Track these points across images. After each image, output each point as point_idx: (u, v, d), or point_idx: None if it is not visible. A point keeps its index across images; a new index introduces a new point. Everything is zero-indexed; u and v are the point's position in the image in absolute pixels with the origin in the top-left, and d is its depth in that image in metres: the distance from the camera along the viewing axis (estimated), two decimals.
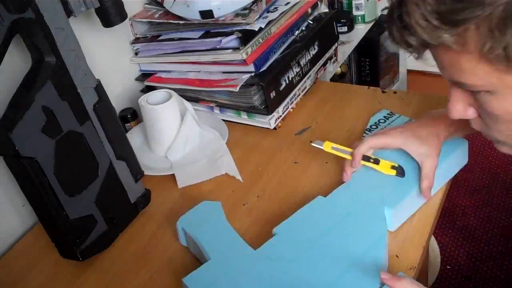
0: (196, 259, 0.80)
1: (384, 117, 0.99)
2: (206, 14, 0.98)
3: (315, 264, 0.71)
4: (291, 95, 1.07)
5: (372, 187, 0.80)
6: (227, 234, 0.78)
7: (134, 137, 1.03)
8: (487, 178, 1.80)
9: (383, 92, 1.10)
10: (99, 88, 0.79)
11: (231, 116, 1.07)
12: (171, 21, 1.03)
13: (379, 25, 1.87)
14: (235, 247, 0.76)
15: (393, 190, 0.79)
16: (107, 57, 1.05)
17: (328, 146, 0.84)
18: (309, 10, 1.12)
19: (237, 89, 0.97)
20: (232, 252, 0.75)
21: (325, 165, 0.93)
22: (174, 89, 1.01)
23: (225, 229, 0.79)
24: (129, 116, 1.07)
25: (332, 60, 1.22)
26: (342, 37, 1.66)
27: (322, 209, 0.79)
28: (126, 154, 0.85)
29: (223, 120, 1.06)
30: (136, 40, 1.09)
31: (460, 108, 0.63)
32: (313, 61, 1.12)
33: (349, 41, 1.69)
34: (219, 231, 0.78)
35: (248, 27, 0.97)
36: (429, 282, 1.36)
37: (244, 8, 1.00)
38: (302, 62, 1.08)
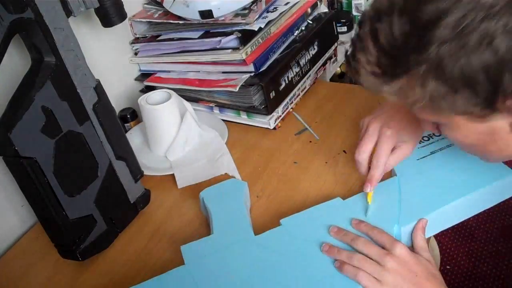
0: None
1: None
2: (206, 14, 0.98)
3: (308, 263, 0.71)
4: (291, 95, 1.07)
5: (392, 200, 0.78)
6: (237, 214, 0.79)
7: (133, 137, 1.03)
8: None
9: None
10: (98, 88, 0.79)
11: (230, 116, 1.07)
12: (171, 21, 1.03)
13: None
14: (239, 228, 0.77)
15: (412, 208, 0.76)
16: (107, 57, 1.05)
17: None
18: (309, 10, 1.12)
19: (237, 89, 0.97)
20: (234, 233, 0.76)
21: (324, 165, 0.93)
22: (174, 89, 1.01)
23: (238, 208, 0.80)
24: (128, 116, 1.07)
25: (332, 60, 1.22)
26: (341, 37, 1.65)
27: (335, 211, 0.78)
28: (126, 154, 0.85)
29: (223, 120, 1.06)
30: (136, 40, 1.09)
31: (430, 127, 0.68)
32: (313, 61, 1.12)
33: (349, 41, 1.69)
34: (232, 209, 0.80)
35: (247, 27, 0.97)
36: None
37: (244, 8, 1.00)
38: (302, 62, 1.08)
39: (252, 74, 0.99)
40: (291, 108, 1.08)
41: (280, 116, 1.05)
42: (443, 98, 0.55)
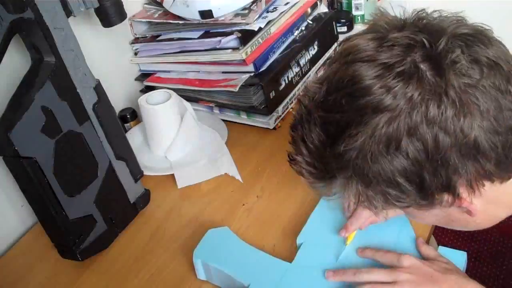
0: None
1: None
2: (206, 14, 0.98)
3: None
4: (291, 95, 1.07)
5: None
6: (254, 257, 0.76)
7: (133, 137, 1.03)
8: None
9: None
10: (98, 88, 0.79)
11: (230, 116, 1.07)
12: (171, 21, 1.03)
13: None
14: (270, 266, 0.74)
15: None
16: (107, 57, 1.05)
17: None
18: (309, 10, 1.12)
19: (237, 89, 0.97)
20: (270, 272, 0.73)
21: None
22: (174, 89, 1.01)
23: (249, 252, 0.77)
24: (128, 116, 1.07)
25: None
26: (341, 37, 1.65)
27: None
28: (126, 154, 0.85)
29: (223, 120, 1.06)
30: (136, 40, 1.09)
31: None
32: (313, 61, 1.12)
33: None
34: (245, 255, 0.76)
35: (247, 27, 0.97)
36: None
37: (244, 8, 1.00)
38: (302, 62, 1.08)
39: (252, 74, 0.99)
40: (291, 108, 1.08)
41: (280, 116, 1.05)
42: (374, 199, 0.54)
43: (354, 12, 1.78)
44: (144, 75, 1.12)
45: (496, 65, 0.49)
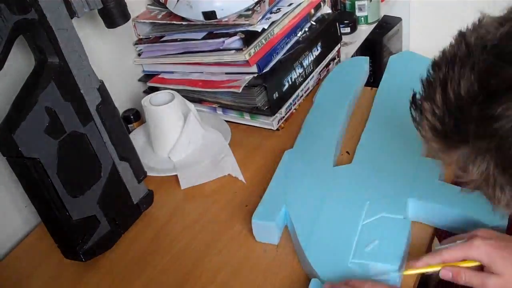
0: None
1: None
2: (209, 15, 0.98)
3: None
4: (294, 96, 1.07)
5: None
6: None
7: (137, 138, 1.03)
8: None
9: None
10: (102, 89, 0.79)
11: (234, 117, 1.07)
12: (174, 22, 1.03)
13: (381, 26, 1.87)
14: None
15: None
16: (110, 58, 1.05)
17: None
18: (312, 11, 1.12)
19: (240, 90, 0.97)
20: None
21: None
22: (177, 90, 1.01)
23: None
24: (132, 117, 1.07)
25: (335, 61, 1.21)
26: (345, 38, 1.65)
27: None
28: (129, 154, 0.85)
29: (226, 121, 1.06)
30: (139, 41, 1.09)
31: None
32: (316, 62, 1.12)
33: (352, 42, 1.69)
34: None
35: (251, 28, 0.97)
36: (430, 283, 1.36)
37: (247, 9, 1.00)
38: (305, 63, 1.08)
39: (255, 75, 0.99)
40: (294, 109, 1.08)
41: (284, 117, 1.05)
42: (503, 189, 0.43)
43: (358, 13, 1.78)
44: (147, 76, 1.12)
45: None
